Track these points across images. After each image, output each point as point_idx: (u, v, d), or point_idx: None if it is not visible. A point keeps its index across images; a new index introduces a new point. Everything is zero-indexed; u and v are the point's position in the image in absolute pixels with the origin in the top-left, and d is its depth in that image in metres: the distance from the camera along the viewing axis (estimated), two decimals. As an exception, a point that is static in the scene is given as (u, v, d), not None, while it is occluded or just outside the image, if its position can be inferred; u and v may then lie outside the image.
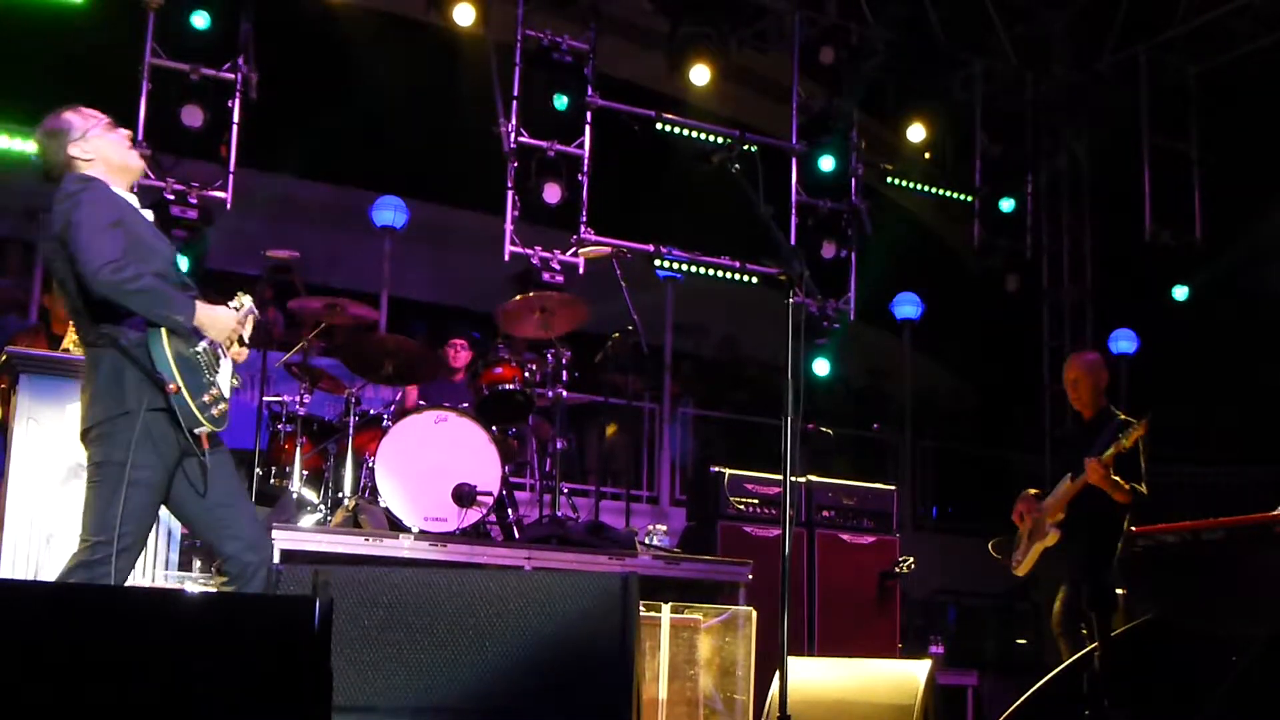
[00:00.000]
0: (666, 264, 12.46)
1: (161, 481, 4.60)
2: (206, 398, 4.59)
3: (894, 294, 16.23)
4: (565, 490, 8.59)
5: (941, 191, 14.34)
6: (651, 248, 12.11)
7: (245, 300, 4.90)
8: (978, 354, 17.27)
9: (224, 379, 4.78)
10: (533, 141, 11.72)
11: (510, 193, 11.64)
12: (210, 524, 4.76)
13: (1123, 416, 7.64)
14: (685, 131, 12.43)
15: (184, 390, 4.50)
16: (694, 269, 12.61)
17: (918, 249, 16.27)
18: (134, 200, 4.98)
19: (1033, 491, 8.02)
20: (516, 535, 8.05)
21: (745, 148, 4.95)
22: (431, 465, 7.60)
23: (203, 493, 4.69)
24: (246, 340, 4.94)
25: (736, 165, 5.19)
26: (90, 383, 4.66)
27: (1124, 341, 15.41)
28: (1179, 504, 14.38)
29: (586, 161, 11.79)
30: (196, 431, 4.56)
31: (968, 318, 16.39)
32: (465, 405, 8.17)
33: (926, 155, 14.61)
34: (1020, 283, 14.68)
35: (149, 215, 5.02)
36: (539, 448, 9.63)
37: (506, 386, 8.51)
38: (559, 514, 8.32)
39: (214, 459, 4.76)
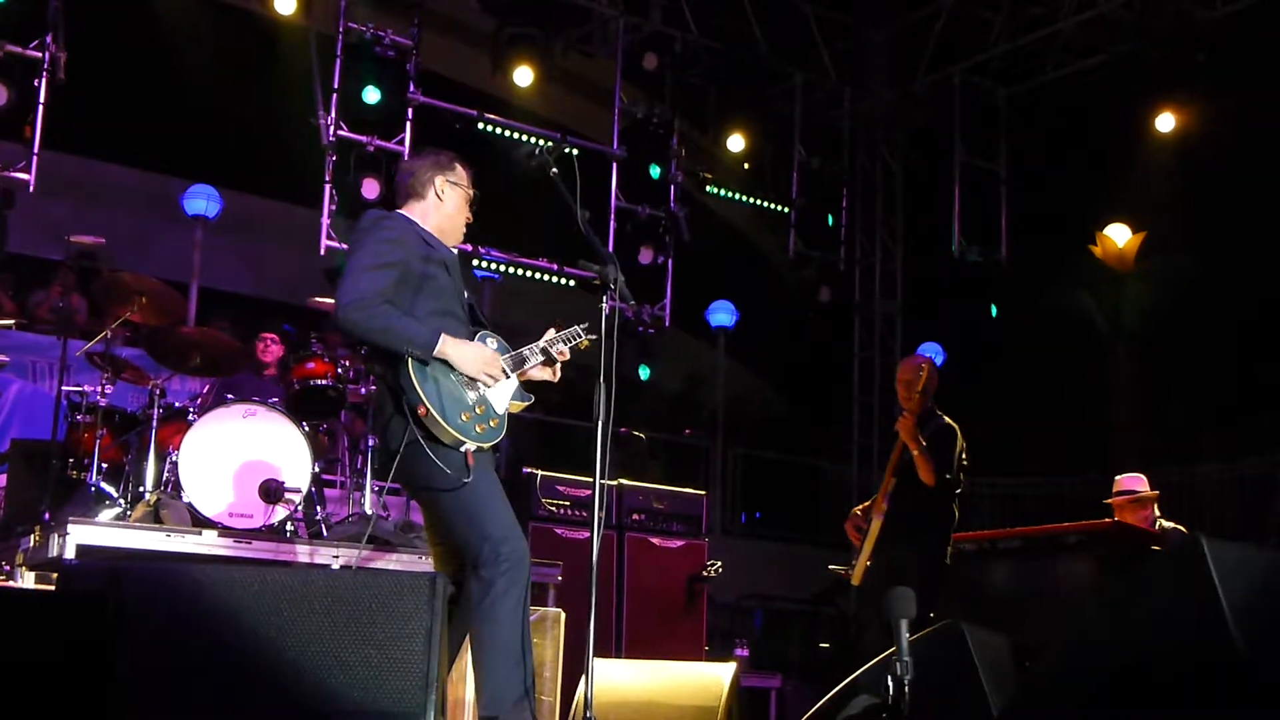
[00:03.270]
0: (485, 264, 12.41)
1: None
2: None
3: (710, 302, 16.40)
4: (376, 488, 8.49)
5: (759, 201, 14.54)
6: (470, 247, 12.04)
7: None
8: (790, 363, 17.55)
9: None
10: (352, 135, 11.57)
11: (328, 187, 11.48)
12: None
13: (948, 421, 7.77)
14: (507, 132, 12.41)
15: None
16: (512, 270, 12.59)
17: (734, 258, 16.48)
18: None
19: (859, 509, 8.03)
20: (325, 533, 7.92)
21: (566, 150, 4.98)
22: (238, 460, 7.44)
23: None
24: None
25: (554, 169, 5.19)
26: None
27: (932, 355, 15.76)
28: (983, 515, 14.90)
29: (406, 157, 11.66)
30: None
31: (781, 327, 16.64)
32: (275, 400, 8.02)
33: (745, 165, 14.79)
34: (833, 294, 14.92)
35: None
36: (350, 444, 9.49)
37: (319, 382, 8.39)
38: (369, 512, 8.22)
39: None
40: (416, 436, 4.82)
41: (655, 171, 13.41)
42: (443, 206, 5.25)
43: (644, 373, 13.52)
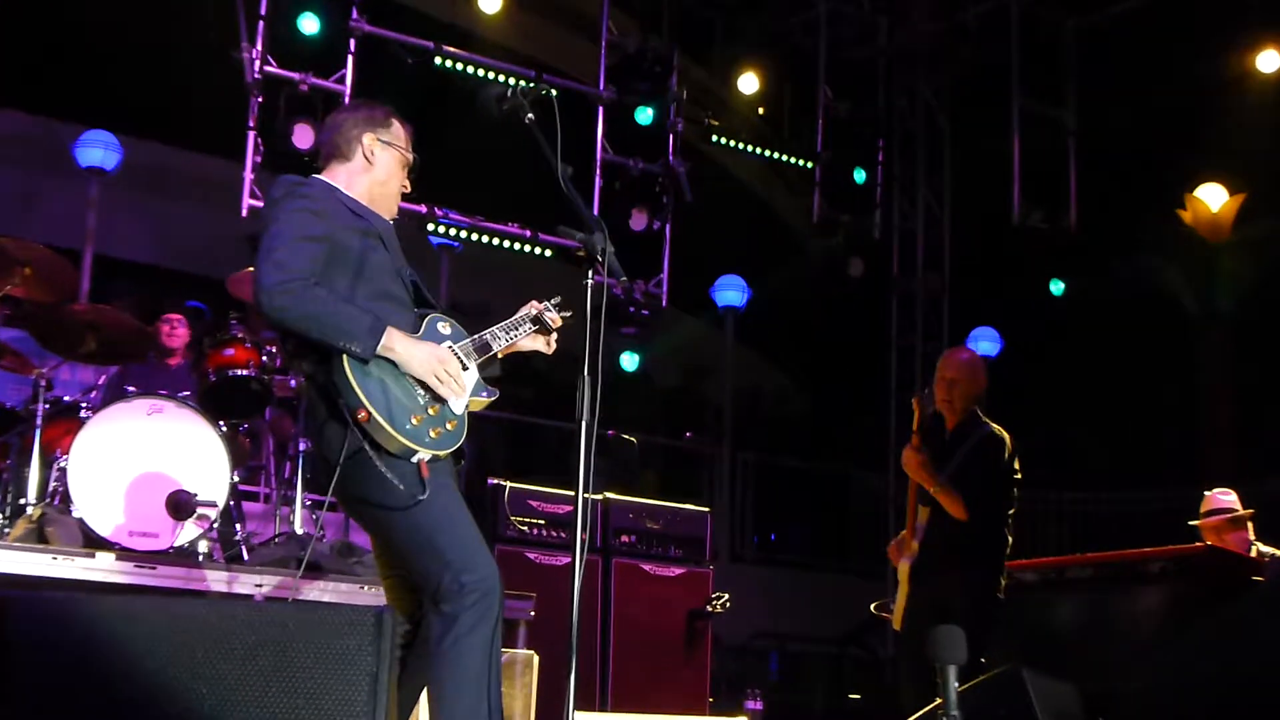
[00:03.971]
0: (442, 229, 12.38)
1: None
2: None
3: (716, 277, 16.40)
4: (309, 502, 8.48)
5: (776, 155, 14.51)
6: (424, 209, 12.01)
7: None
8: (813, 351, 17.54)
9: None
10: (281, 72, 11.53)
11: (252, 134, 11.45)
12: None
13: (996, 428, 7.75)
14: (470, 69, 12.36)
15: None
16: (475, 237, 12.55)
17: (746, 223, 16.46)
18: None
19: (907, 534, 8.01)
20: (246, 556, 7.92)
21: (543, 92, 4.93)
22: (141, 467, 7.42)
23: None
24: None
25: (530, 115, 5.17)
26: None
27: (984, 343, 15.77)
28: (1045, 537, 14.91)
29: (347, 100, 11.63)
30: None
31: (802, 308, 16.63)
32: (186, 394, 8.00)
33: (760, 111, 14.75)
34: (866, 268, 14.90)
35: None
36: (277, 448, 9.48)
37: (239, 372, 8.36)
38: (300, 531, 8.20)
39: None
40: (359, 445, 4.79)
41: (650, 117, 13.38)
42: (373, 171, 5.24)
43: (634, 362, 13.51)
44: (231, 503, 7.88)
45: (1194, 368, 16.17)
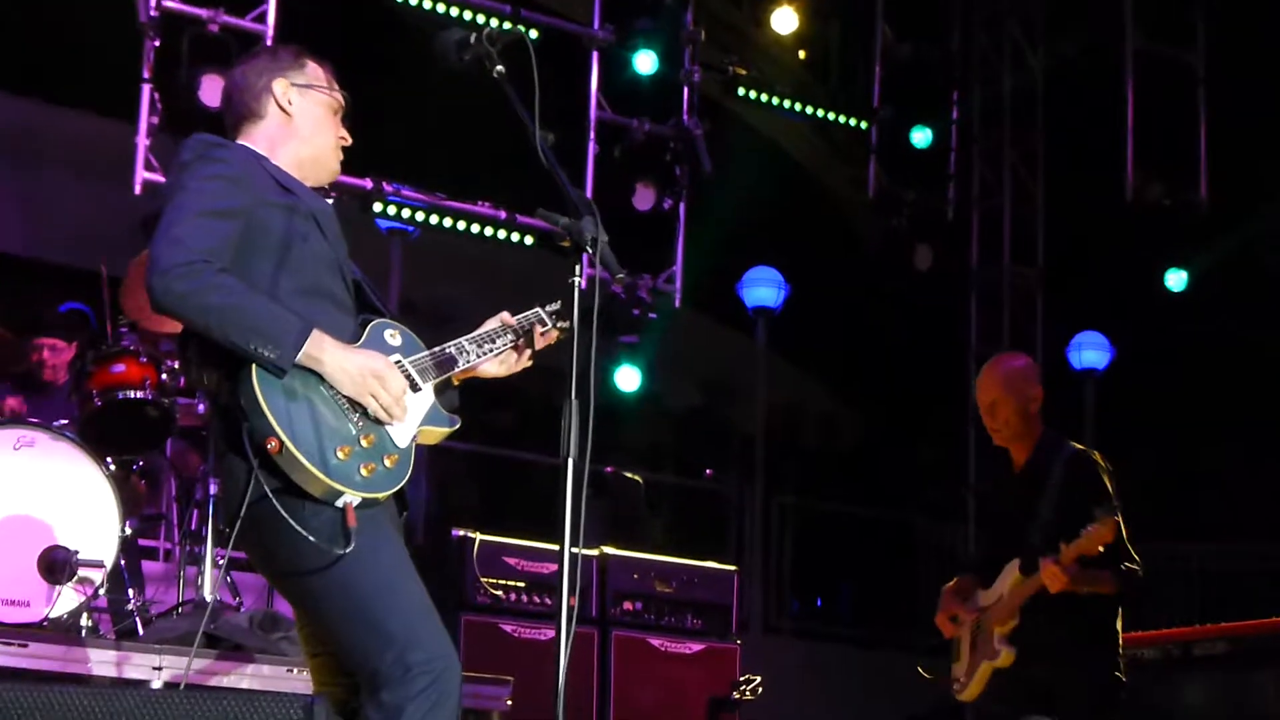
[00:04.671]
0: (392, 210, 12.39)
1: None
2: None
3: (744, 270, 16.41)
4: (221, 559, 8.49)
5: (821, 112, 14.52)
6: (369, 184, 12.03)
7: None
8: (868, 365, 17.55)
9: None
10: (185, 9, 11.54)
11: (147, 88, 11.47)
12: None
13: (1078, 448, 7.73)
14: (427, 3, 12.39)
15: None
16: (434, 219, 12.56)
17: (783, 201, 16.47)
18: None
19: (958, 584, 8.00)
20: (141, 631, 7.94)
21: (520, 33, 4.88)
22: (7, 516, 7.45)
23: None
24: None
25: (500, 67, 5.14)
26: None
27: (1091, 351, 15.74)
28: (1165, 602, 14.89)
29: (269, 42, 11.64)
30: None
31: (855, 309, 16.65)
32: (64, 422, 8.02)
33: (800, 55, 14.78)
34: (937, 257, 14.91)
35: None
36: (180, 492, 9.51)
37: (131, 394, 8.37)
38: (210, 598, 8.22)
39: None
40: (264, 488, 4.74)
41: (657, 65, 13.39)
42: (295, 126, 5.21)
43: (638, 379, 13.52)
44: (123, 562, 7.89)
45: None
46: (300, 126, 5.19)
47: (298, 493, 4.73)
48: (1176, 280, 15.47)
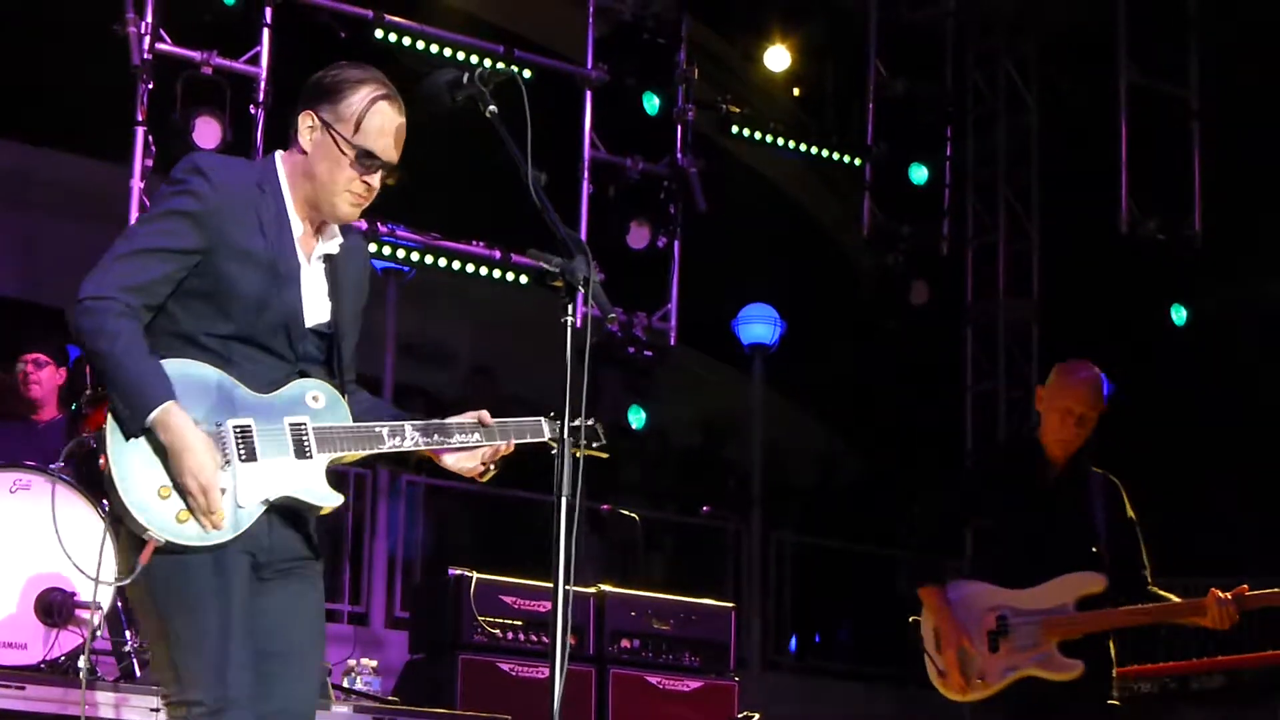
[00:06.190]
0: (387, 250, 12.41)
1: None
2: None
3: (740, 307, 16.42)
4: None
5: (815, 150, 14.53)
6: (364, 225, 12.05)
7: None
8: (864, 401, 17.54)
9: None
10: (179, 51, 11.57)
11: (141, 130, 11.49)
12: None
13: (1098, 471, 7.73)
14: (420, 44, 12.41)
15: None
16: (429, 259, 12.57)
17: (778, 238, 16.50)
18: None
19: (936, 588, 7.94)
20: (139, 672, 7.93)
21: (515, 73, 4.88)
22: (4, 558, 7.45)
23: None
24: None
25: (492, 107, 5.13)
26: None
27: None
28: (1165, 635, 14.85)
29: (263, 84, 11.72)
30: None
31: (851, 345, 16.65)
32: (59, 465, 8.01)
33: (795, 93, 14.80)
34: (932, 293, 14.91)
35: None
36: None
37: (127, 436, 8.37)
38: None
39: None
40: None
41: (653, 104, 13.42)
42: (309, 162, 5.00)
43: (637, 419, 13.50)
44: (120, 604, 7.88)
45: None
46: (313, 164, 4.98)
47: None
48: (1177, 315, 15.44)
